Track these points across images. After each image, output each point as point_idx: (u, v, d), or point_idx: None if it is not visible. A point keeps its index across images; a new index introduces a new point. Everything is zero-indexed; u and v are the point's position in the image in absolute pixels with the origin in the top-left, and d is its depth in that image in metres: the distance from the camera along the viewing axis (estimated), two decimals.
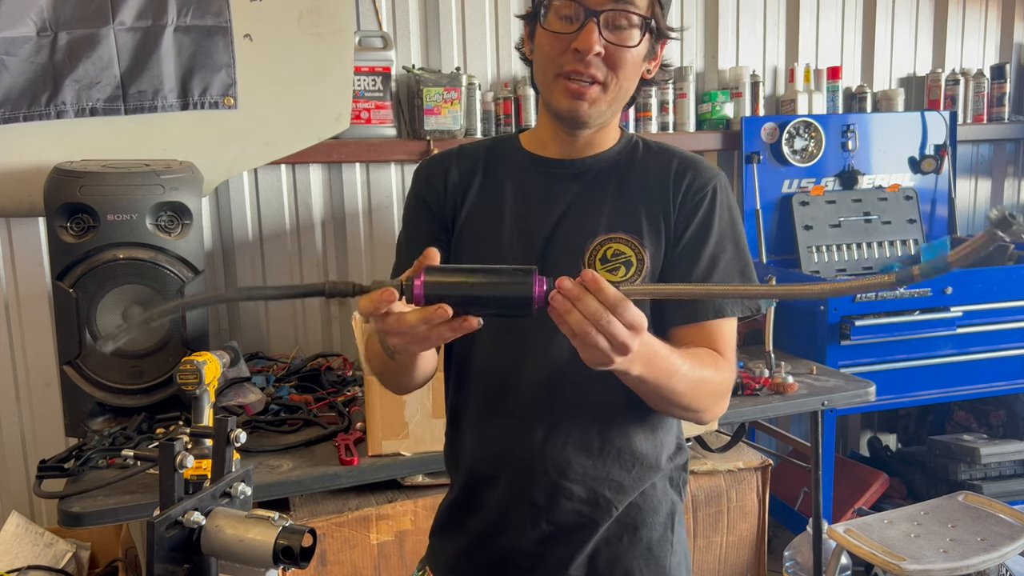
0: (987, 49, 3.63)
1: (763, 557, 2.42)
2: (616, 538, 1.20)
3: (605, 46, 1.07)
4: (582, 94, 1.10)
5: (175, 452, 0.79)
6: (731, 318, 1.16)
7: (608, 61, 1.08)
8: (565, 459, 1.16)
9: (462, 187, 1.23)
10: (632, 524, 1.20)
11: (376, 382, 1.91)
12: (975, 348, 2.94)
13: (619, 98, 1.14)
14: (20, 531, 2.12)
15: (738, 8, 3.22)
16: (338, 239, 2.77)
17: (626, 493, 1.19)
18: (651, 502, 1.21)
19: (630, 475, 1.19)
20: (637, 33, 1.08)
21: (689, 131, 3.07)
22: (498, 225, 1.20)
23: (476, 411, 1.22)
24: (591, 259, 1.14)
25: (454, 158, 1.27)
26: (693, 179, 1.17)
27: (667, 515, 1.24)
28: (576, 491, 1.17)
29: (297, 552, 0.78)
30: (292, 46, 2.46)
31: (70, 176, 2.01)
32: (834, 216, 3.24)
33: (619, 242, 1.15)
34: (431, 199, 1.24)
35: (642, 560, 1.20)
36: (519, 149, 1.25)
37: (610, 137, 1.22)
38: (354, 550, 1.96)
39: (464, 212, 1.22)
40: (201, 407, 1.72)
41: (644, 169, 1.20)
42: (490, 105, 2.82)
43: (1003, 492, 2.96)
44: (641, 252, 1.15)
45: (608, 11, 1.06)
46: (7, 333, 2.45)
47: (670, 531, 1.24)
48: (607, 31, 1.07)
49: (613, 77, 1.10)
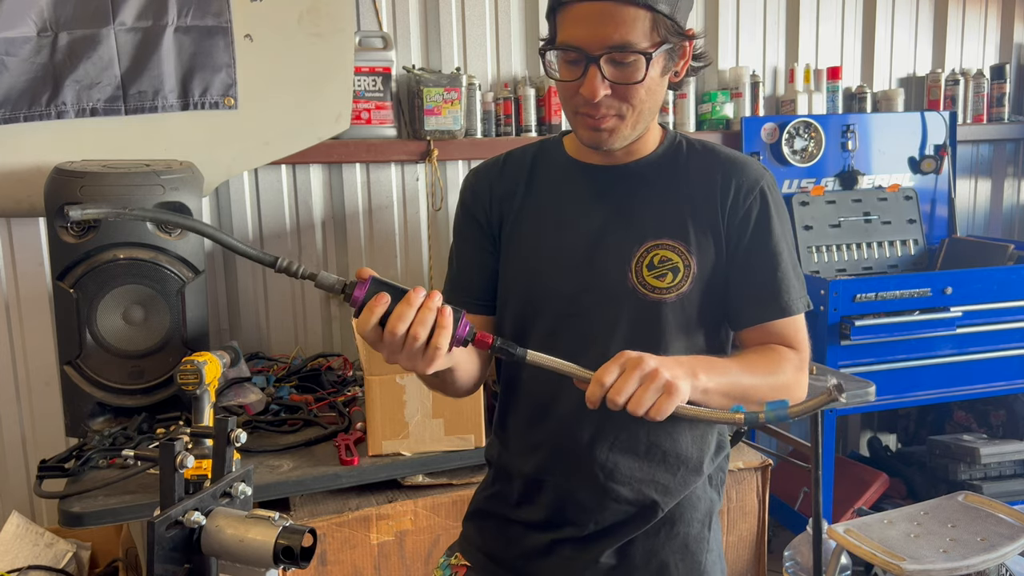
0: (987, 49, 3.63)
1: (763, 557, 2.42)
2: (654, 531, 1.21)
3: (611, 86, 1.07)
4: (599, 127, 1.11)
5: (175, 452, 0.79)
6: (798, 315, 1.19)
7: (618, 96, 1.08)
8: (613, 462, 1.18)
9: (507, 196, 1.25)
10: (670, 519, 1.22)
11: (376, 382, 1.92)
12: (975, 348, 2.93)
13: (643, 119, 1.13)
14: (20, 531, 2.12)
15: (738, 8, 3.22)
16: (338, 239, 2.77)
17: (672, 495, 1.21)
18: (691, 499, 1.23)
19: (675, 477, 1.20)
20: (642, 66, 1.06)
21: (689, 131, 3.07)
22: (543, 232, 1.21)
23: (524, 416, 1.24)
24: (638, 265, 1.15)
25: (500, 167, 1.28)
26: (742, 182, 1.17)
27: (705, 513, 1.25)
28: (623, 493, 1.19)
29: (297, 552, 0.78)
30: (292, 46, 2.46)
31: (70, 176, 2.01)
32: (834, 216, 3.24)
33: (666, 248, 1.15)
34: (477, 212, 1.26)
35: (678, 555, 1.22)
36: (563, 154, 1.25)
37: (651, 140, 1.21)
38: (354, 550, 1.96)
39: (510, 220, 1.24)
40: (201, 407, 1.72)
41: (689, 171, 1.19)
42: (490, 105, 2.82)
43: (1003, 492, 2.96)
44: (688, 258, 1.15)
45: (608, 54, 1.05)
46: (7, 333, 2.45)
47: (707, 529, 1.25)
48: (611, 69, 1.06)
49: (629, 107, 1.10)
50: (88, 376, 2.05)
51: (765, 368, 1.13)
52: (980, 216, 3.71)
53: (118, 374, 2.05)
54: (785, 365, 1.15)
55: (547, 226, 1.21)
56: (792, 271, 1.18)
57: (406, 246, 2.84)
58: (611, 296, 1.16)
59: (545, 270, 1.20)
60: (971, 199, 3.68)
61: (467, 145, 2.78)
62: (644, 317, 1.15)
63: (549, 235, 1.21)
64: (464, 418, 1.97)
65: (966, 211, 3.66)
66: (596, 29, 1.04)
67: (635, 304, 1.15)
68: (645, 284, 1.15)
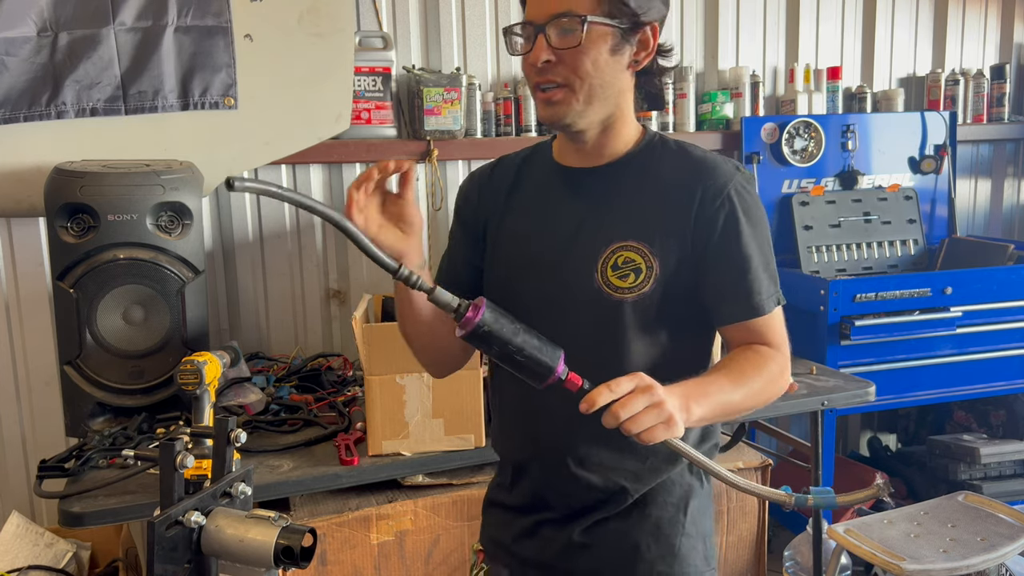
0: (987, 49, 3.63)
1: (763, 557, 2.42)
2: (626, 513, 1.27)
3: (554, 52, 1.15)
4: (550, 99, 1.18)
5: (175, 452, 0.79)
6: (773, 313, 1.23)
7: (564, 64, 1.15)
8: (584, 450, 1.24)
9: (494, 199, 1.34)
10: (642, 502, 1.27)
11: (376, 382, 1.92)
12: (975, 348, 2.94)
13: (595, 95, 1.18)
14: (20, 531, 2.12)
15: (738, 8, 3.22)
16: (338, 239, 2.77)
17: (643, 482, 1.26)
18: (665, 484, 1.27)
19: (645, 465, 1.25)
20: (580, 32, 1.14)
21: (689, 131, 3.07)
22: (523, 234, 1.29)
23: (511, 406, 1.33)
24: (603, 266, 1.20)
25: (490, 171, 1.38)
26: (709, 185, 1.20)
27: (680, 497, 1.28)
28: (594, 480, 1.25)
29: (297, 552, 0.78)
30: (292, 46, 2.46)
31: (70, 176, 2.01)
32: (834, 216, 3.24)
33: (630, 249, 1.20)
34: (466, 214, 1.37)
35: (650, 537, 1.26)
36: (549, 158, 1.32)
37: (628, 140, 1.26)
38: (354, 550, 1.97)
39: (495, 221, 1.32)
40: (201, 407, 1.72)
41: (660, 172, 1.23)
42: (490, 105, 2.82)
43: (1003, 492, 2.96)
44: (651, 259, 1.19)
45: (551, 21, 1.14)
46: (7, 333, 2.45)
47: (682, 513, 1.28)
48: (556, 37, 1.14)
49: (575, 77, 1.16)
50: (88, 376, 2.05)
51: (749, 377, 1.17)
52: (980, 216, 3.71)
53: (118, 374, 2.05)
54: (768, 367, 1.19)
55: (527, 227, 1.29)
56: (764, 271, 1.22)
57: None
58: (579, 296, 1.22)
59: (522, 270, 1.27)
60: (971, 199, 3.68)
61: (467, 145, 2.77)
62: (607, 316, 1.20)
63: (528, 236, 1.28)
64: (464, 418, 1.97)
65: (966, 211, 3.66)
66: (544, 2, 1.15)
67: (599, 304, 1.20)
68: (609, 284, 1.20)
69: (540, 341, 1.05)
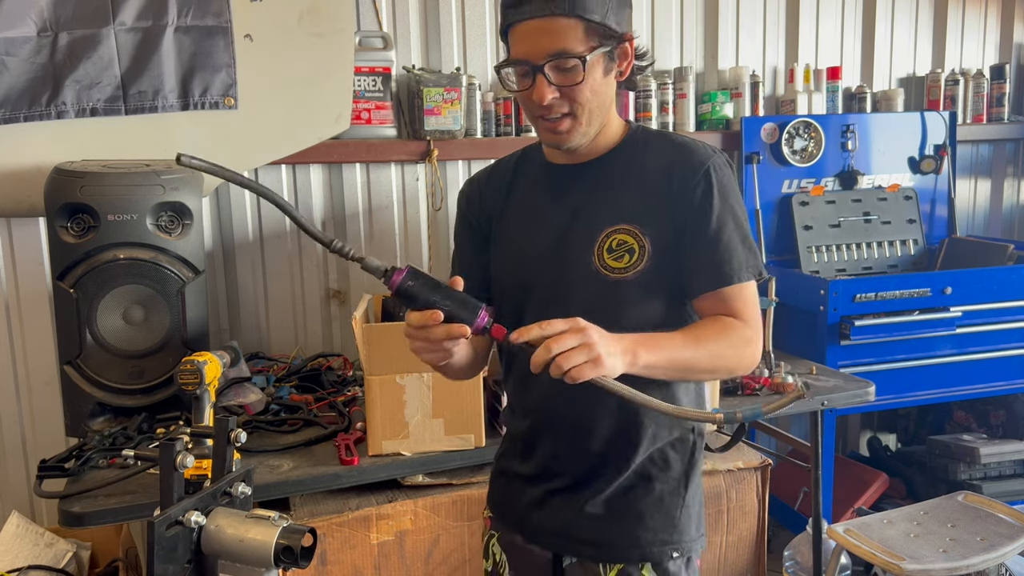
0: (987, 49, 3.64)
1: (763, 557, 2.42)
2: (632, 486, 1.36)
3: (557, 89, 1.23)
4: (556, 129, 1.27)
5: (175, 452, 0.79)
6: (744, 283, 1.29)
7: (567, 97, 1.24)
8: (589, 420, 1.34)
9: (494, 199, 1.43)
10: (647, 476, 1.36)
11: (376, 382, 1.92)
12: (975, 348, 2.94)
13: (595, 115, 1.28)
14: (20, 531, 2.12)
15: (738, 8, 3.22)
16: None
17: (640, 450, 1.34)
18: (668, 460, 1.37)
19: (645, 434, 1.34)
20: (581, 68, 1.21)
21: (689, 131, 3.07)
22: (523, 229, 1.38)
23: (518, 380, 1.42)
24: (599, 250, 1.30)
25: (488, 173, 1.48)
26: (687, 166, 1.29)
27: (681, 473, 1.38)
28: (595, 448, 1.34)
29: (297, 552, 0.79)
30: (292, 46, 2.46)
31: (70, 176, 2.01)
32: (834, 216, 3.24)
33: (623, 232, 1.29)
34: (470, 216, 1.46)
35: (654, 507, 1.36)
36: (540, 157, 1.41)
37: (612, 136, 1.35)
38: (354, 550, 1.97)
39: (496, 220, 1.42)
40: (201, 407, 1.72)
41: (644, 159, 1.33)
42: (490, 105, 2.82)
43: (1003, 492, 2.96)
44: (642, 240, 1.28)
45: (549, 62, 1.21)
46: (7, 333, 2.45)
47: (683, 488, 1.38)
48: (555, 75, 1.22)
49: (578, 106, 1.25)
50: (88, 376, 2.05)
51: (707, 338, 1.24)
52: (980, 216, 3.71)
53: (118, 374, 2.05)
54: (729, 334, 1.26)
55: (526, 223, 1.38)
56: (740, 242, 1.29)
57: (406, 246, 2.84)
58: (581, 280, 1.31)
59: (527, 263, 1.36)
60: (971, 199, 3.68)
61: (467, 145, 2.78)
62: (608, 296, 1.29)
63: (528, 231, 1.37)
64: (464, 418, 1.97)
65: (966, 211, 3.66)
66: (537, 42, 1.21)
67: (600, 284, 1.29)
68: (606, 266, 1.29)
69: (461, 296, 1.12)
